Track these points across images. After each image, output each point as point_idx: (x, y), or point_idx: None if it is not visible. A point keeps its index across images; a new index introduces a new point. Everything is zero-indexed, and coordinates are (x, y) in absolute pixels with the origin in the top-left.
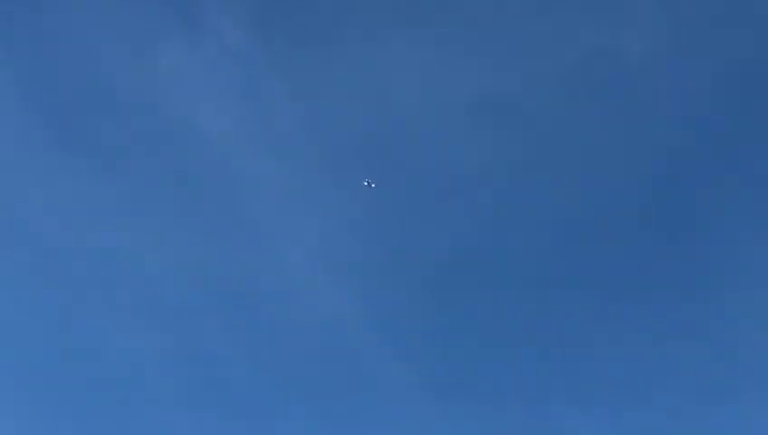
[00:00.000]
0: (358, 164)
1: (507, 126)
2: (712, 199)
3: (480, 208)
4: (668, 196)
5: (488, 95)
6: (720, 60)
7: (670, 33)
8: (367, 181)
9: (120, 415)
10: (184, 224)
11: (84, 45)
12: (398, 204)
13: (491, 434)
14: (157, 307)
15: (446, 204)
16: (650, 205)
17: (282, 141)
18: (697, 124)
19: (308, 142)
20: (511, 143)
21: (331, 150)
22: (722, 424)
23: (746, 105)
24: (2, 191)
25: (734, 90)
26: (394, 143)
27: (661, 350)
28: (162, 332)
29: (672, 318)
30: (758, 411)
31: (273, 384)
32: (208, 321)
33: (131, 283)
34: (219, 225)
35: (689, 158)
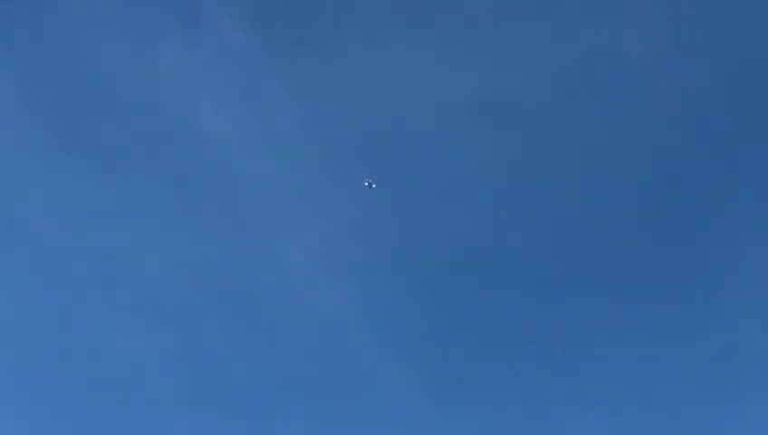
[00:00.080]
0: (358, 164)
1: (507, 126)
2: (712, 199)
3: (480, 208)
4: (668, 196)
5: (488, 95)
6: (720, 60)
7: (670, 33)
8: (367, 182)
9: (120, 415)
10: (184, 224)
11: (84, 45)
12: (398, 204)
13: (491, 434)
14: (157, 307)
15: (446, 204)
16: (650, 205)
17: (282, 141)
18: (697, 124)
19: (308, 142)
20: (511, 143)
21: (331, 150)
22: (722, 423)
23: (746, 105)
24: (2, 191)
25: (734, 90)
26: (394, 143)
27: (661, 350)
28: (162, 332)
29: (672, 318)
30: (758, 411)
31: (273, 384)
32: (208, 321)
33: (131, 283)
34: (219, 225)
35: (689, 158)
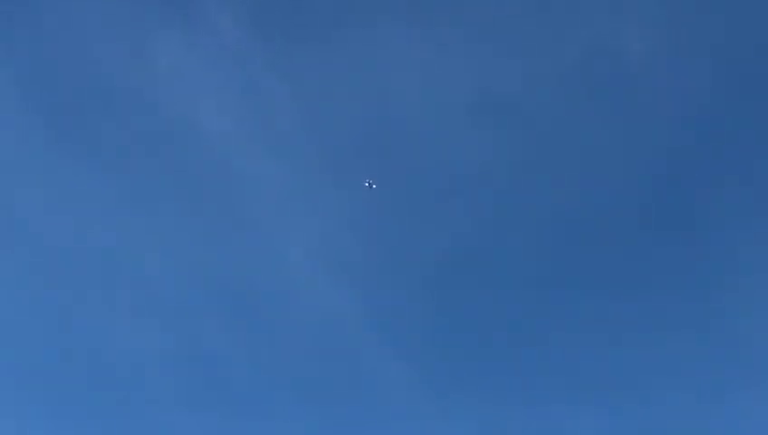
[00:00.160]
0: (358, 164)
1: (507, 126)
2: (712, 199)
3: (480, 208)
4: (668, 196)
5: (488, 94)
6: (720, 60)
7: (670, 33)
8: (368, 182)
9: (120, 415)
10: (184, 224)
11: (84, 45)
12: (398, 204)
13: (491, 434)
14: (157, 307)
15: (446, 204)
16: (650, 205)
17: (282, 141)
18: (697, 124)
19: (308, 142)
20: (511, 143)
21: (331, 150)
22: (722, 423)
23: (746, 105)
24: (2, 191)
25: (734, 90)
26: (394, 143)
27: (661, 350)
28: (162, 332)
29: (672, 318)
30: (758, 411)
31: (273, 384)
32: (208, 321)
33: (131, 283)
34: (219, 225)
35: (689, 157)
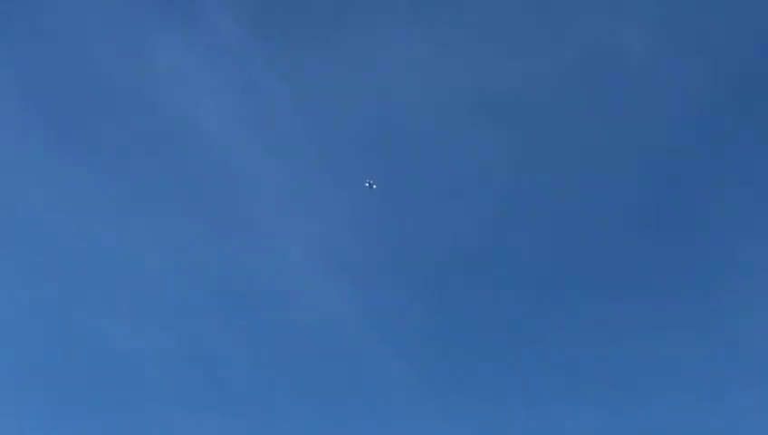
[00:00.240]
0: (358, 164)
1: (507, 126)
2: (711, 199)
3: (480, 208)
4: (668, 196)
5: (488, 95)
6: (720, 60)
7: (670, 33)
8: (368, 182)
9: (120, 415)
10: (184, 224)
11: (84, 45)
12: (398, 204)
13: (491, 433)
14: (157, 307)
15: (446, 204)
16: (650, 205)
17: (282, 141)
18: (697, 124)
19: (308, 142)
20: (511, 143)
21: (331, 150)
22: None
23: (746, 105)
24: (2, 191)
25: (734, 90)
26: (394, 143)
27: (662, 350)
28: (162, 332)
29: (671, 318)
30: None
31: (273, 384)
32: (208, 321)
33: (131, 283)
34: (219, 225)
35: (689, 157)
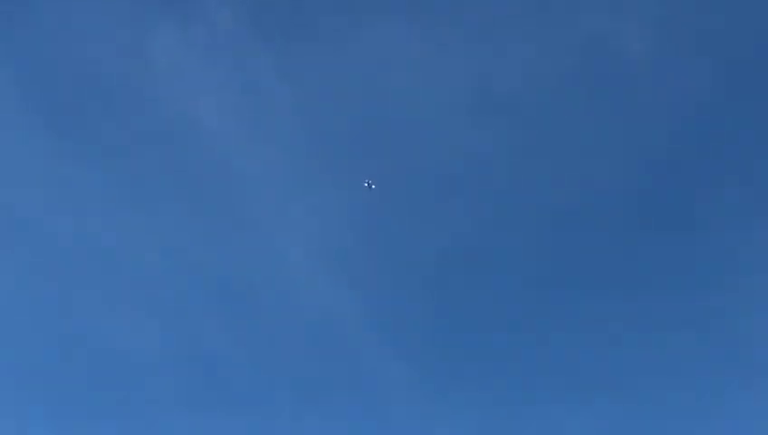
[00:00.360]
0: (357, 164)
1: (507, 125)
2: (712, 199)
3: (479, 208)
4: (668, 194)
5: (488, 94)
6: (720, 60)
7: (670, 33)
8: (367, 182)
9: (120, 415)
10: (184, 223)
11: (83, 44)
12: (398, 203)
13: (490, 433)
14: (157, 307)
15: (446, 203)
16: (650, 204)
17: (282, 139)
18: (697, 124)
19: (308, 141)
20: (510, 142)
21: (331, 150)
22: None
23: (746, 105)
24: (2, 191)
25: (734, 90)
26: (394, 142)
27: (662, 350)
28: (162, 331)
29: (672, 318)
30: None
31: (273, 384)
32: (208, 321)
33: (131, 282)
34: (219, 224)
35: (689, 155)
